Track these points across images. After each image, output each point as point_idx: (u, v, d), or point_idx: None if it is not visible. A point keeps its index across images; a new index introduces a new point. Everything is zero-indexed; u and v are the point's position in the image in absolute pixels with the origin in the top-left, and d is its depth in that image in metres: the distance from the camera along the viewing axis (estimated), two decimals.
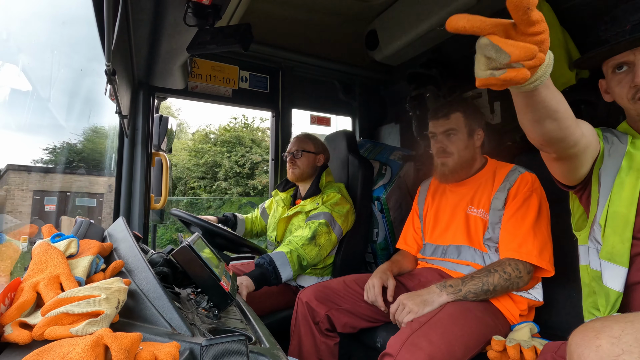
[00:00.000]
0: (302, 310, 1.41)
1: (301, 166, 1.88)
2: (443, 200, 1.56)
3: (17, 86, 1.47)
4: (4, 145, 1.99)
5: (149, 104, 1.85)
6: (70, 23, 1.23)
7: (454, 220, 1.47)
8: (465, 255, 1.40)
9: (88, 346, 0.41)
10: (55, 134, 3.42)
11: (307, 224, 1.72)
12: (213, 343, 0.49)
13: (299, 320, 1.41)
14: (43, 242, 0.68)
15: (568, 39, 1.60)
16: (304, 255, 1.60)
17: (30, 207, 3.60)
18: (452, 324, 1.10)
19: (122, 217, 1.04)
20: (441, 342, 1.03)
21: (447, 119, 1.46)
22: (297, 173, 1.88)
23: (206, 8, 1.13)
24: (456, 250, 1.43)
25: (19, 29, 0.99)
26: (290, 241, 1.64)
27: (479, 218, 1.40)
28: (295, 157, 1.90)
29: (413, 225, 1.69)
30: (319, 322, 1.38)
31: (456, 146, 1.45)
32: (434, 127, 1.50)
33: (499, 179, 1.41)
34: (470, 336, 1.11)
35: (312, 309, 1.39)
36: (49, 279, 0.58)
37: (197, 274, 0.82)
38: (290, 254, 1.57)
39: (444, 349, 1.02)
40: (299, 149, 1.90)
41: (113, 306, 0.54)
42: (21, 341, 0.48)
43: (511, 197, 1.34)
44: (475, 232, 1.40)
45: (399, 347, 1.02)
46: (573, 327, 0.68)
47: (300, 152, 1.89)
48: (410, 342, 1.03)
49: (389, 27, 2.24)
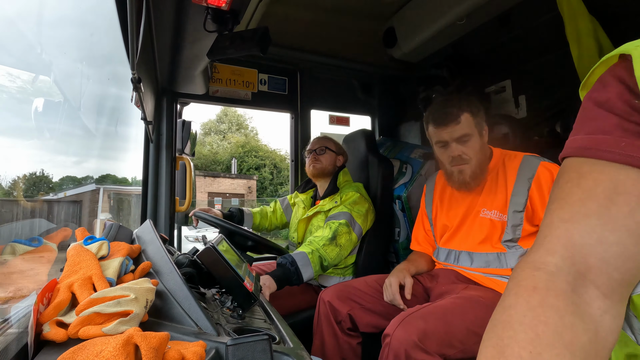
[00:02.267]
0: (324, 310, 1.40)
1: (324, 162, 1.90)
2: (453, 204, 1.47)
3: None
4: None
5: (172, 109, 1.91)
6: (97, 35, 1.29)
7: (466, 225, 1.41)
8: (478, 262, 1.35)
9: (119, 345, 0.43)
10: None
11: (328, 224, 1.72)
12: (238, 342, 0.50)
13: (321, 320, 1.41)
14: (76, 244, 0.72)
15: (598, 27, 1.53)
16: (325, 255, 1.61)
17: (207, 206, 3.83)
18: (452, 309, 1.13)
19: (150, 220, 1.08)
20: (437, 322, 1.06)
21: (457, 124, 1.31)
22: (319, 167, 1.89)
23: (225, 14, 1.15)
24: (469, 257, 1.37)
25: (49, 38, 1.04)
26: (311, 241, 1.65)
27: (494, 221, 1.32)
28: (318, 153, 1.91)
29: (424, 227, 1.63)
30: (341, 321, 1.37)
31: (473, 150, 1.33)
32: (443, 135, 1.35)
33: (511, 173, 1.32)
34: (474, 321, 1.11)
35: (334, 308, 1.38)
36: (83, 280, 0.60)
37: (221, 275, 0.84)
38: (311, 254, 1.58)
39: (441, 328, 1.05)
40: (322, 146, 1.93)
41: (142, 306, 0.56)
42: (58, 339, 0.50)
43: (537, 190, 1.24)
44: (490, 236, 1.33)
45: (396, 326, 1.06)
46: None
47: (324, 149, 1.91)
48: (407, 321, 1.07)
49: (407, 23, 2.21)
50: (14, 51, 0.88)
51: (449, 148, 1.35)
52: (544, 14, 1.82)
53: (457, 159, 1.34)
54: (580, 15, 1.54)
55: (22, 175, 0.93)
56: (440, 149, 1.39)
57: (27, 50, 0.94)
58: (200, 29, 1.19)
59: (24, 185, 0.95)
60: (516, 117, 1.96)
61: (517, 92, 2.02)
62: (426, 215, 1.62)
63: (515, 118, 1.92)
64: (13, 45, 0.87)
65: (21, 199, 0.92)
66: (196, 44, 1.35)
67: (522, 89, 2.00)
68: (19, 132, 0.95)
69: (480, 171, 1.35)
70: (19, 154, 0.95)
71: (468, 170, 1.34)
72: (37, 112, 0.97)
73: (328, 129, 2.82)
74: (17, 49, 0.90)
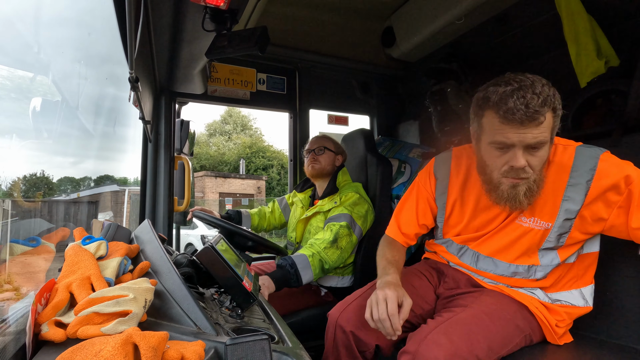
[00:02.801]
0: (344, 340, 1.17)
1: (322, 162, 1.90)
2: (481, 202, 1.18)
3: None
4: None
5: (170, 109, 1.90)
6: (95, 34, 1.28)
7: (494, 228, 1.16)
8: (502, 270, 1.16)
9: (118, 344, 0.43)
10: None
11: (328, 227, 1.71)
12: (237, 342, 0.50)
13: (340, 352, 1.17)
14: (75, 244, 0.71)
15: (596, 27, 1.53)
16: (326, 258, 1.61)
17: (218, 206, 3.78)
18: (475, 324, 1.02)
19: (148, 220, 1.07)
20: (461, 341, 0.95)
21: (538, 125, 0.93)
22: (318, 168, 1.89)
23: (223, 13, 1.15)
24: (492, 263, 1.17)
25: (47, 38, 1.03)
26: (312, 244, 1.64)
27: (534, 230, 1.08)
28: (316, 153, 1.91)
29: (417, 209, 1.32)
30: (366, 351, 1.17)
31: (539, 163, 0.99)
32: (511, 136, 0.96)
33: (561, 172, 1.04)
34: (494, 338, 1.02)
35: (359, 339, 1.16)
36: (81, 280, 0.60)
37: (220, 275, 0.84)
38: (312, 257, 1.58)
39: (465, 348, 0.94)
40: (320, 145, 1.92)
41: (140, 306, 0.55)
42: (56, 339, 0.50)
43: (600, 193, 1.00)
44: (525, 246, 1.11)
45: (418, 344, 0.96)
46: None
47: (322, 149, 1.91)
48: (430, 338, 0.95)
49: (406, 23, 2.21)
50: (10, 50, 0.88)
51: (511, 153, 0.99)
52: (542, 13, 1.83)
53: (516, 171, 0.99)
54: (578, 14, 1.54)
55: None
56: (497, 151, 1.02)
57: (24, 50, 0.94)
58: (198, 28, 1.19)
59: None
60: None
61: None
62: (432, 197, 1.31)
63: None
64: (10, 44, 0.87)
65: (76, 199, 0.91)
66: (194, 43, 1.34)
67: None
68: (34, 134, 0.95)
69: (537, 188, 1.03)
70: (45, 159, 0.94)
71: (523, 188, 1.01)
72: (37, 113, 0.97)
73: (327, 129, 2.82)
74: (13, 48, 0.89)
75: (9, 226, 0.82)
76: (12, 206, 0.86)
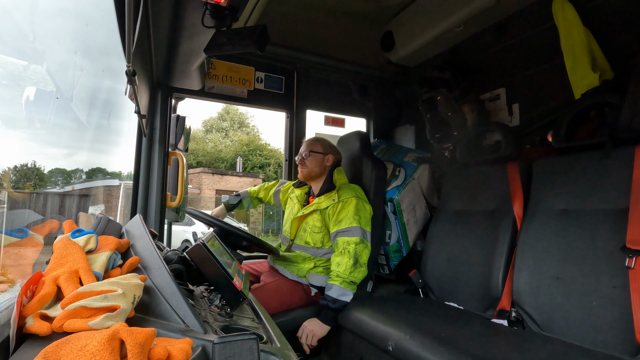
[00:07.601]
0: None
1: (309, 166, 1.93)
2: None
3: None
4: None
5: (166, 104, 1.89)
6: (92, 25, 1.27)
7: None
8: None
9: (104, 340, 0.42)
10: None
11: (344, 248, 1.73)
12: (225, 341, 0.50)
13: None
14: (64, 237, 0.70)
15: (592, 40, 1.55)
16: (354, 279, 1.70)
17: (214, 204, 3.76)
18: None
19: (139, 215, 1.07)
20: None
21: None
22: (305, 172, 1.94)
23: (223, 10, 1.14)
24: None
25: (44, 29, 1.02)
26: (337, 274, 1.69)
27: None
28: (304, 157, 1.95)
29: None
30: None
31: None
32: None
33: None
34: None
35: None
36: (69, 273, 0.59)
37: (211, 272, 0.84)
38: (342, 283, 1.68)
39: None
40: (307, 150, 1.95)
41: (129, 301, 0.55)
42: (42, 332, 0.49)
43: None
44: None
45: None
46: None
47: (308, 153, 1.94)
48: None
49: (405, 28, 2.22)
50: (6, 39, 0.87)
51: None
52: (540, 24, 1.85)
53: None
54: (575, 27, 1.56)
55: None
56: None
57: (19, 39, 0.92)
58: (198, 24, 1.18)
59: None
60: (509, 125, 1.98)
61: (511, 100, 2.05)
62: None
63: (508, 126, 1.94)
64: (5, 33, 0.86)
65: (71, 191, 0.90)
66: (193, 38, 1.34)
67: (516, 98, 2.02)
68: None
69: None
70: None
71: None
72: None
73: (323, 130, 2.82)
74: (9, 36, 0.88)
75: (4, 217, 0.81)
76: (1, 196, 0.85)
